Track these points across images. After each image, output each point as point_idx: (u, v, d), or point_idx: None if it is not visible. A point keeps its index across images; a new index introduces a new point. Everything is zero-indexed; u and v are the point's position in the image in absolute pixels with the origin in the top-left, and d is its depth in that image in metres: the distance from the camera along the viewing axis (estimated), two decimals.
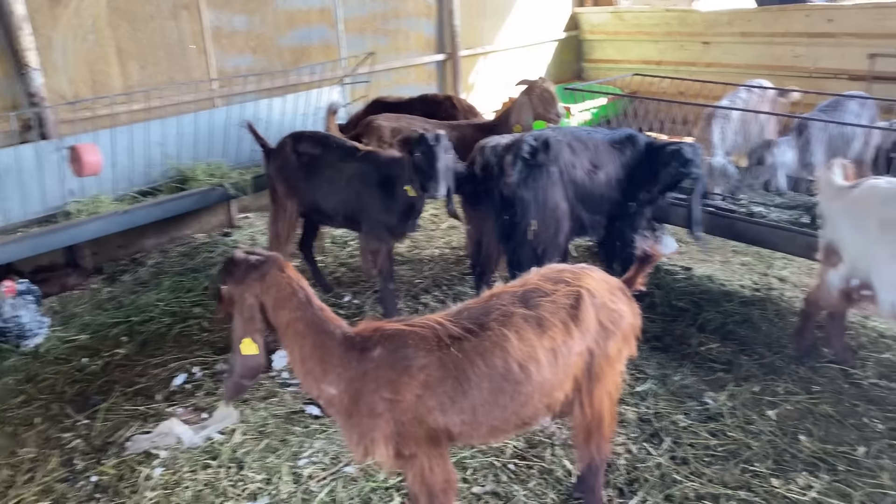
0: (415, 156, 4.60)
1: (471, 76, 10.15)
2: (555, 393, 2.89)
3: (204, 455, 4.00)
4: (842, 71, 9.09)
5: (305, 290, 2.78)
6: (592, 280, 2.99)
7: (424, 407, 2.70)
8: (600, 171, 5.00)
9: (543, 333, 2.80)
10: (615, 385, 3.12)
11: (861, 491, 3.54)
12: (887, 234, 3.88)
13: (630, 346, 3.11)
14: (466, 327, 2.77)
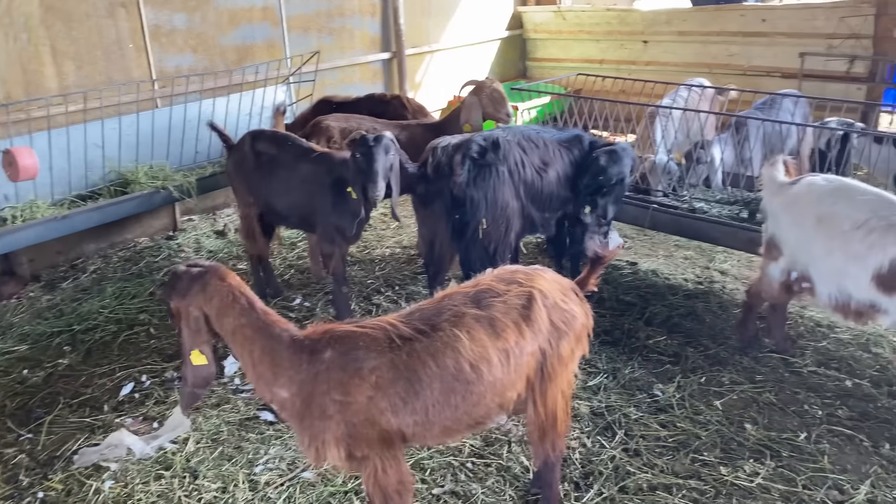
0: (356, 157, 4.58)
1: (417, 75, 10.15)
2: (507, 392, 2.93)
3: (156, 466, 3.91)
4: (775, 69, 9.43)
5: (247, 296, 2.78)
6: (545, 281, 3.04)
7: (376, 408, 2.72)
8: (550, 169, 5.08)
9: (495, 334, 2.84)
10: (568, 384, 3.18)
11: (804, 475, 3.70)
12: (823, 229, 4.06)
13: (583, 345, 3.17)
14: (418, 328, 2.79)
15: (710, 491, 3.63)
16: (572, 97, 6.66)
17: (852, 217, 3.95)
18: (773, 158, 4.64)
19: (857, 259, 3.90)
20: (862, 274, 3.90)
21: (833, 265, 4.04)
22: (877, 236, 3.83)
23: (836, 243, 3.99)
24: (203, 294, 2.75)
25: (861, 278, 3.91)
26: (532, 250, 6.70)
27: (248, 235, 5.57)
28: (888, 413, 4.19)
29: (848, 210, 3.99)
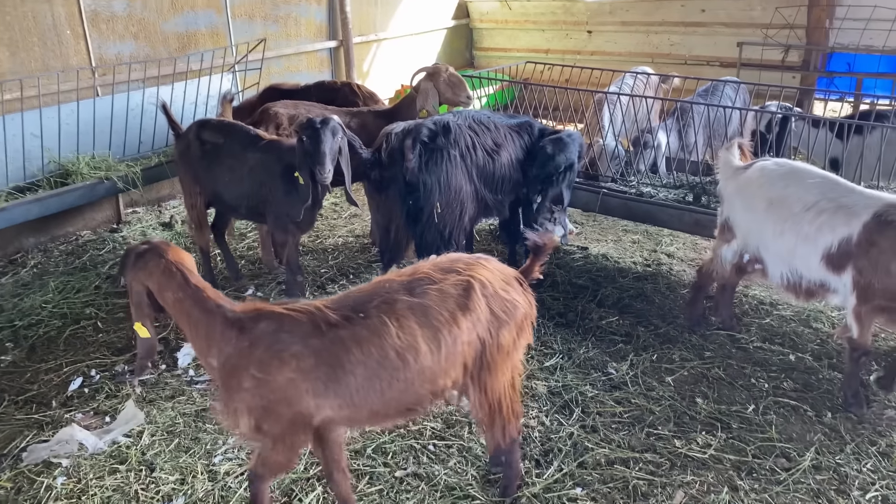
0: (302, 140, 4.54)
1: (364, 64, 10.09)
2: (439, 380, 2.93)
3: (110, 460, 3.82)
4: (714, 58, 9.71)
5: (182, 272, 2.90)
6: (485, 270, 3.02)
7: (296, 390, 2.78)
8: (502, 151, 5.13)
9: (427, 322, 2.84)
10: (515, 372, 3.19)
11: (753, 445, 3.85)
12: (774, 211, 4.18)
13: (526, 334, 3.16)
14: (345, 314, 2.82)
15: (665, 463, 3.74)
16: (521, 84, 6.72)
17: (803, 199, 4.06)
18: (730, 142, 4.73)
19: (808, 240, 4.01)
20: (812, 254, 4.00)
21: (784, 246, 4.15)
22: (826, 217, 3.93)
23: (787, 225, 4.10)
24: (144, 270, 2.91)
25: (811, 258, 4.02)
26: (485, 237, 6.75)
27: (196, 226, 5.47)
28: (829, 384, 4.38)
29: (798, 193, 4.09)
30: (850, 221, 3.86)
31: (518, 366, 3.24)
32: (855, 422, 4.04)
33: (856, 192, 4.00)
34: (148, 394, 4.38)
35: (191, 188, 5.35)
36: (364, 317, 2.81)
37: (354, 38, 9.57)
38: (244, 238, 6.77)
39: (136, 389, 4.40)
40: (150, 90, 6.81)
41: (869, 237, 3.78)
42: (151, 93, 6.78)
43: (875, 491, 3.52)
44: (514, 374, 3.21)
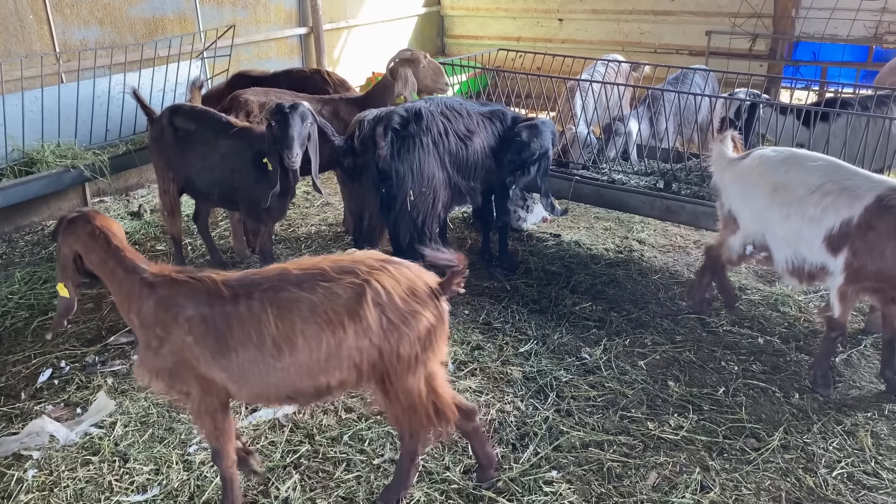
0: (271, 126, 4.50)
1: (335, 51, 10.00)
2: (320, 378, 2.91)
3: (83, 451, 3.77)
4: (683, 47, 9.81)
5: (106, 235, 3.04)
6: (388, 277, 2.89)
7: (191, 353, 2.90)
8: (474, 138, 5.13)
9: (308, 318, 2.81)
10: (432, 382, 3.05)
11: (724, 426, 3.93)
12: (779, 196, 4.17)
13: (434, 349, 3.00)
14: (236, 293, 2.88)
15: (638, 445, 3.80)
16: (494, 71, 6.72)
17: (807, 183, 4.06)
18: (722, 135, 4.71)
19: (813, 222, 4.01)
20: (816, 236, 4.01)
21: (790, 230, 4.14)
22: (831, 199, 3.94)
23: (793, 208, 4.09)
24: (73, 234, 3.06)
25: (815, 241, 4.03)
26: (458, 225, 6.76)
27: (169, 213, 5.40)
28: (797, 366, 4.49)
29: (802, 176, 4.09)
30: (853, 203, 3.88)
31: (436, 377, 3.07)
32: (822, 402, 4.14)
33: (860, 174, 4.01)
34: (120, 384, 4.33)
35: (164, 174, 5.29)
36: (249, 299, 2.86)
37: (325, 24, 9.49)
38: (216, 227, 6.70)
39: (107, 380, 4.35)
40: (116, 77, 6.69)
41: (868, 220, 3.81)
42: (118, 79, 6.66)
43: (841, 468, 3.62)
44: (432, 384, 3.05)
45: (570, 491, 3.49)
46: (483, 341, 4.75)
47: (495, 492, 3.47)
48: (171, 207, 5.38)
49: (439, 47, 12.03)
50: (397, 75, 6.07)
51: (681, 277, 5.68)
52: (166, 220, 5.55)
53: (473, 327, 4.92)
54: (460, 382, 4.30)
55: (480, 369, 4.45)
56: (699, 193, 5.46)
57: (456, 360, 4.52)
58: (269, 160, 4.59)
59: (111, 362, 4.54)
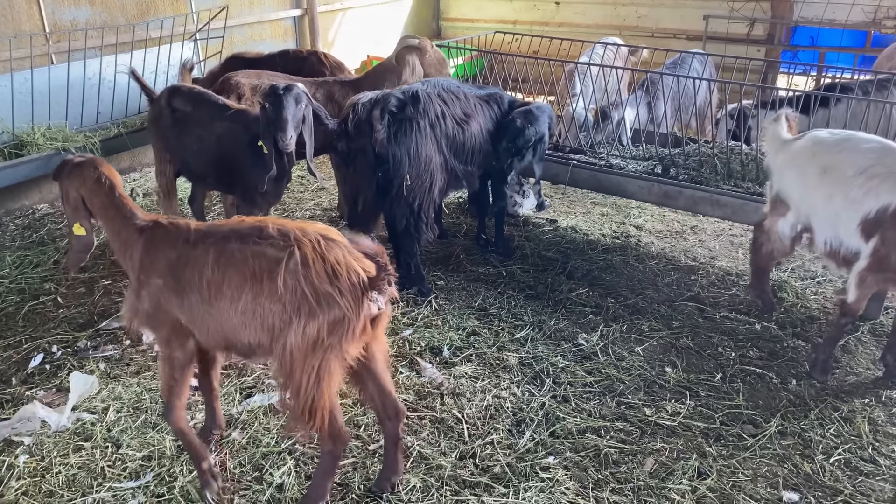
0: (265, 107, 4.43)
1: (330, 33, 9.89)
2: (240, 333, 2.94)
3: (75, 437, 3.73)
4: (681, 31, 9.73)
5: (110, 182, 3.20)
6: (313, 252, 2.80)
7: (163, 295, 3.05)
8: (472, 121, 5.07)
9: (237, 271, 2.89)
10: (317, 375, 2.86)
11: (721, 413, 3.91)
12: (828, 177, 4.06)
13: (340, 344, 2.83)
14: (196, 239, 3.02)
15: (635, 431, 3.78)
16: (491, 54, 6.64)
17: (857, 163, 3.94)
18: (776, 114, 4.57)
19: (853, 203, 3.91)
20: (853, 219, 3.92)
21: (832, 210, 4.04)
22: (876, 182, 3.83)
23: (837, 188, 4.00)
24: (80, 177, 3.21)
25: (851, 224, 3.93)
26: (454, 210, 6.71)
27: (164, 194, 5.35)
28: (794, 352, 4.47)
29: (853, 157, 3.98)
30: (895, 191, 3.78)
31: (328, 376, 2.87)
32: (819, 388, 4.13)
33: None
34: (113, 370, 4.28)
35: (161, 155, 5.25)
36: (202, 245, 2.99)
37: (319, 6, 9.37)
38: (209, 211, 6.62)
39: (99, 365, 4.31)
40: (107, 58, 6.60)
41: None
42: (109, 61, 6.57)
43: (838, 455, 3.61)
44: (320, 381, 2.86)
45: (567, 477, 3.46)
46: (479, 327, 4.71)
47: (492, 478, 3.44)
48: (168, 189, 5.34)
49: (435, 30, 11.92)
50: (404, 62, 5.98)
51: (678, 263, 5.66)
52: (161, 203, 5.49)
53: (469, 313, 4.88)
54: (456, 368, 4.27)
55: (476, 355, 4.42)
56: (697, 178, 5.42)
57: (452, 346, 4.49)
58: (263, 143, 4.52)
59: (103, 347, 4.49)
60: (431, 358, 4.40)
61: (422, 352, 4.45)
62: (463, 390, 4.09)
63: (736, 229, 6.30)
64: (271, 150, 4.50)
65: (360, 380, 3.19)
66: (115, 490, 3.40)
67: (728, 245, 6.07)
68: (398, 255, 5.13)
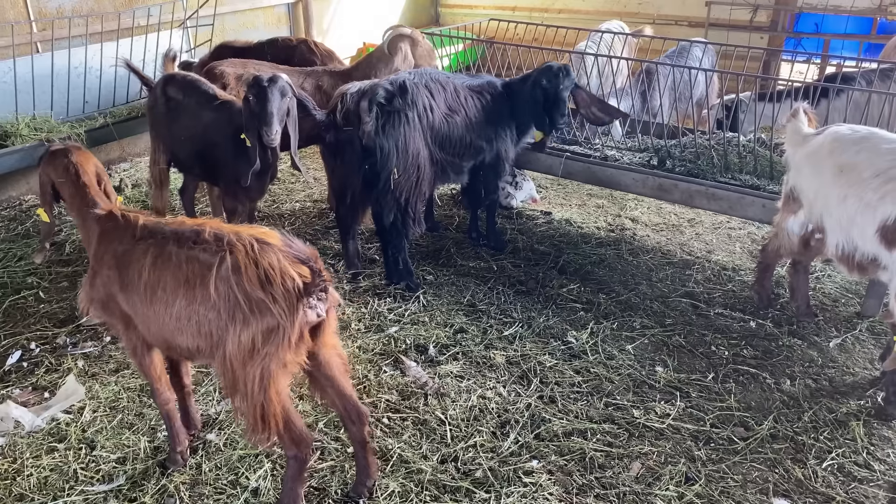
0: (248, 99, 4.31)
1: (324, 20, 9.73)
2: (177, 337, 2.91)
3: (49, 438, 3.64)
4: (683, 17, 9.54)
5: (77, 170, 3.30)
6: (244, 257, 2.72)
7: (113, 287, 3.06)
8: (459, 113, 4.94)
9: (171, 274, 2.85)
10: (261, 381, 2.77)
11: (712, 414, 3.80)
12: (843, 177, 3.85)
13: (277, 351, 2.73)
14: (141, 236, 3.01)
15: (623, 434, 3.68)
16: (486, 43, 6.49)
17: (875, 165, 3.72)
18: (794, 108, 4.37)
19: (868, 207, 3.70)
20: (869, 224, 3.70)
21: (845, 212, 3.84)
22: (893, 186, 3.60)
23: (852, 190, 3.78)
24: (52, 164, 3.35)
25: (868, 228, 3.71)
26: (446, 202, 6.59)
27: (156, 185, 5.29)
28: (788, 351, 4.36)
29: (871, 158, 3.76)
30: None
31: (274, 382, 2.78)
32: (813, 389, 4.02)
33: None
34: (90, 367, 4.20)
35: (155, 144, 5.22)
36: (144, 243, 2.97)
37: None
38: (196, 203, 6.51)
39: (78, 363, 4.22)
40: (93, 47, 6.47)
41: None
42: (95, 49, 6.44)
43: (831, 460, 3.50)
44: (266, 387, 2.77)
45: (551, 482, 3.37)
46: (467, 324, 4.61)
47: (473, 483, 3.35)
48: (160, 179, 5.29)
49: (433, 17, 11.74)
50: (396, 50, 5.85)
51: (673, 258, 5.53)
52: (153, 193, 5.41)
53: (458, 309, 4.78)
54: (442, 367, 4.17)
55: (463, 353, 4.32)
56: (693, 171, 5.28)
57: (438, 344, 4.39)
58: (247, 136, 4.41)
59: (83, 344, 4.41)
60: (417, 356, 4.30)
61: (407, 350, 4.35)
62: (448, 390, 3.99)
63: (734, 222, 6.17)
64: (255, 144, 4.38)
65: (318, 385, 3.11)
66: (86, 493, 3.32)
67: (725, 239, 5.94)
68: (386, 250, 5.03)
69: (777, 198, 4.74)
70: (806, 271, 4.66)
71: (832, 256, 4.08)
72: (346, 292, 4.97)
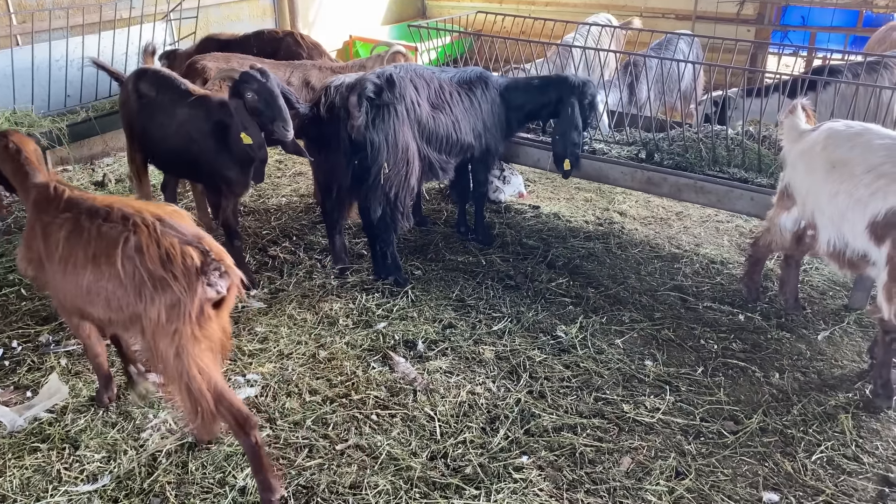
0: (247, 97, 4.23)
1: (310, 13, 9.64)
2: (88, 308, 3.12)
3: (31, 438, 3.58)
4: (669, 10, 9.53)
5: (19, 149, 3.50)
6: (147, 236, 2.89)
7: (41, 254, 3.23)
8: (445, 109, 4.90)
9: (81, 249, 3.04)
10: (178, 356, 2.90)
11: (701, 408, 3.80)
12: (836, 173, 3.82)
13: (185, 327, 2.87)
14: (62, 209, 3.17)
15: (612, 429, 3.66)
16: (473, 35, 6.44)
17: (867, 161, 3.68)
18: (792, 105, 4.32)
19: (859, 203, 3.67)
20: (860, 220, 3.68)
21: (836, 208, 3.81)
22: (884, 182, 3.57)
23: (843, 186, 3.75)
24: None
25: (858, 225, 3.69)
26: (434, 196, 6.55)
27: (136, 180, 5.24)
28: (777, 344, 4.36)
29: (864, 154, 3.72)
30: None
31: (192, 357, 2.90)
32: (802, 382, 4.02)
33: None
34: (73, 366, 4.13)
35: (129, 140, 5.12)
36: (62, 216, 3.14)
37: None
38: (180, 199, 6.44)
39: (61, 361, 4.15)
40: (75, 39, 6.36)
41: None
42: (77, 42, 6.34)
43: (820, 453, 3.50)
44: (186, 361, 2.89)
45: (541, 478, 3.35)
46: (455, 319, 4.58)
47: (463, 479, 3.32)
48: (138, 174, 5.20)
49: (420, 9, 11.66)
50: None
51: (662, 251, 5.53)
52: (135, 188, 5.34)
53: (446, 304, 4.74)
54: (431, 363, 4.14)
55: (452, 349, 4.29)
56: (682, 164, 5.27)
57: (427, 340, 4.35)
58: (248, 134, 4.31)
59: (66, 342, 4.34)
60: (405, 352, 4.27)
61: (395, 345, 4.32)
62: (437, 386, 3.96)
63: (722, 216, 6.17)
64: (259, 140, 4.31)
65: None
66: (70, 494, 3.26)
67: (713, 232, 5.94)
68: (374, 245, 4.98)
69: (765, 191, 4.75)
70: (797, 265, 4.66)
71: (823, 253, 4.05)
72: (334, 288, 4.92)
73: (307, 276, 5.08)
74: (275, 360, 4.17)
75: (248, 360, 4.17)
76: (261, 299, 4.79)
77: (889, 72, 5.52)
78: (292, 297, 4.81)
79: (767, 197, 4.69)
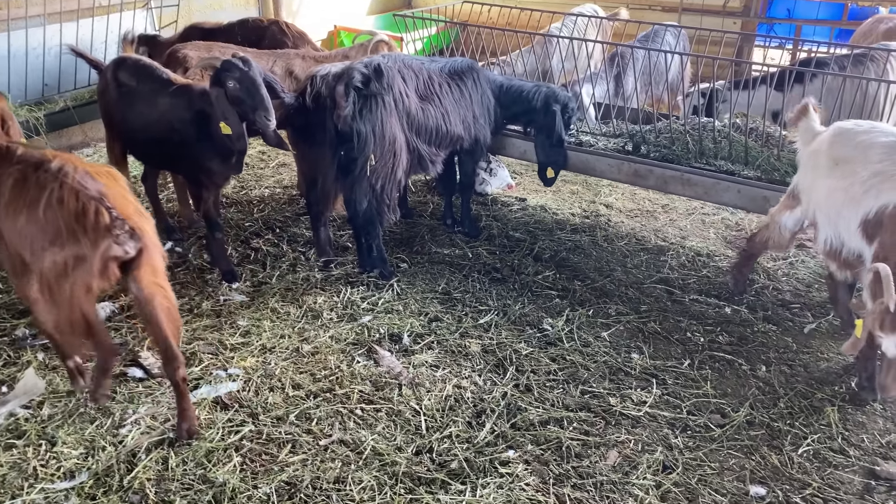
0: (228, 86, 4.15)
1: (294, 1, 9.51)
2: (26, 252, 3.20)
3: (6, 434, 3.49)
4: (656, 2, 9.49)
5: None
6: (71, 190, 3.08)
7: None
8: (434, 100, 4.84)
9: (18, 195, 3.17)
10: (73, 295, 3.15)
11: (688, 401, 3.78)
12: (836, 171, 3.80)
13: (85, 275, 3.11)
14: (13, 162, 3.25)
15: (599, 422, 3.64)
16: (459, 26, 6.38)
17: (869, 160, 3.65)
18: (803, 104, 4.25)
19: (853, 201, 3.66)
20: (853, 218, 3.66)
21: (832, 206, 3.81)
22: (878, 180, 3.55)
23: (841, 182, 3.73)
24: None
25: (852, 223, 3.68)
26: (420, 188, 6.49)
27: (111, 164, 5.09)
28: (763, 337, 4.35)
29: (867, 153, 3.68)
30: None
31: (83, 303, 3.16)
32: (788, 375, 4.02)
33: None
34: (51, 360, 4.04)
35: (109, 130, 5.03)
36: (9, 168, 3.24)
37: None
38: (162, 190, 6.33)
39: (37, 355, 4.06)
40: (52, 27, 6.23)
41: None
42: (54, 30, 6.20)
43: (807, 446, 3.50)
44: (79, 304, 3.16)
45: (527, 472, 3.31)
46: (441, 312, 4.53)
47: (449, 474, 3.28)
48: (118, 166, 5.07)
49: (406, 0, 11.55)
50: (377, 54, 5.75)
51: (648, 244, 5.51)
52: None
53: (432, 297, 4.69)
54: (416, 356, 4.10)
55: (438, 342, 4.24)
56: (669, 156, 5.24)
57: (412, 333, 4.31)
58: (228, 124, 4.23)
59: (42, 336, 4.24)
60: (390, 345, 4.22)
61: (381, 339, 4.26)
62: (422, 380, 3.91)
63: (708, 208, 6.16)
64: (240, 131, 4.23)
65: (142, 319, 3.32)
66: (47, 491, 3.19)
67: (699, 224, 5.93)
68: (359, 238, 4.92)
69: (752, 183, 4.74)
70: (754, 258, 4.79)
71: (821, 252, 4.03)
72: (318, 281, 4.86)
73: (291, 269, 5.01)
74: (257, 355, 4.11)
75: (231, 354, 4.10)
76: (243, 292, 4.72)
77: (875, 64, 5.51)
78: (275, 290, 4.74)
79: (754, 189, 4.68)
